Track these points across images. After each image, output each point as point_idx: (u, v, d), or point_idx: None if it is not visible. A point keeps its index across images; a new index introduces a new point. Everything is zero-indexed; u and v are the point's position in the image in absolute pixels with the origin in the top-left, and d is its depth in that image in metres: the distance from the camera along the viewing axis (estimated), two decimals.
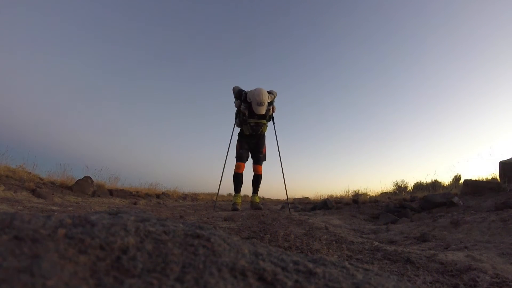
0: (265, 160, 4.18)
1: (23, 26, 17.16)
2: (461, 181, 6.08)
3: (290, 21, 28.55)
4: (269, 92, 4.00)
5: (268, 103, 3.90)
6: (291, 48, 30.93)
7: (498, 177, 4.50)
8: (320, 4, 27.44)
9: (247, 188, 14.62)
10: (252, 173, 4.16)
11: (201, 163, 22.41)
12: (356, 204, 5.15)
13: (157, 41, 27.14)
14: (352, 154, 25.04)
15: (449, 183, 6.41)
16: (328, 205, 5.05)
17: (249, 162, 4.19)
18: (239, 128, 4.23)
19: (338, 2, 26.43)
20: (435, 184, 6.55)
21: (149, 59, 27.58)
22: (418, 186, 6.86)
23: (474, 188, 4.00)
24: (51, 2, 18.96)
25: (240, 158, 4.05)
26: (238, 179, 4.01)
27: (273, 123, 4.33)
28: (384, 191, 7.43)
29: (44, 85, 19.85)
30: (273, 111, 4.20)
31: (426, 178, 6.98)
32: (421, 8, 22.58)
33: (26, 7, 16.45)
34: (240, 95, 4.03)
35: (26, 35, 17.71)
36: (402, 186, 7.30)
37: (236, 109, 4.23)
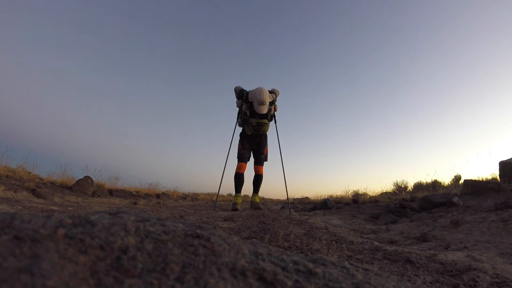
0: (266, 161, 4.16)
1: (23, 26, 17.17)
2: (461, 181, 6.08)
3: (291, 21, 28.56)
4: (271, 91, 3.97)
5: (270, 102, 3.86)
6: (291, 48, 30.95)
7: (498, 177, 4.50)
8: (321, 4, 27.45)
9: (247, 188, 14.63)
10: (253, 173, 4.15)
11: (201, 163, 22.44)
12: (356, 204, 5.15)
13: (157, 41, 27.15)
14: (352, 154, 25.10)
15: (449, 183, 6.41)
16: (328, 205, 5.04)
17: (250, 162, 4.18)
18: (241, 128, 4.22)
19: (338, 2, 26.44)
20: (435, 184, 6.55)
21: (149, 60, 27.60)
22: (418, 186, 6.86)
23: (474, 188, 3.99)
24: (52, 2, 18.97)
25: (242, 158, 4.04)
26: (239, 179, 4.00)
27: (275, 122, 4.31)
28: (384, 191, 7.44)
29: (44, 85, 19.85)
30: (275, 110, 4.17)
31: (426, 178, 6.99)
32: (422, 8, 22.59)
33: (26, 8, 16.46)
34: (241, 95, 4.01)
35: (26, 35, 17.72)
36: (402, 186, 7.30)
37: (238, 109, 4.22)
